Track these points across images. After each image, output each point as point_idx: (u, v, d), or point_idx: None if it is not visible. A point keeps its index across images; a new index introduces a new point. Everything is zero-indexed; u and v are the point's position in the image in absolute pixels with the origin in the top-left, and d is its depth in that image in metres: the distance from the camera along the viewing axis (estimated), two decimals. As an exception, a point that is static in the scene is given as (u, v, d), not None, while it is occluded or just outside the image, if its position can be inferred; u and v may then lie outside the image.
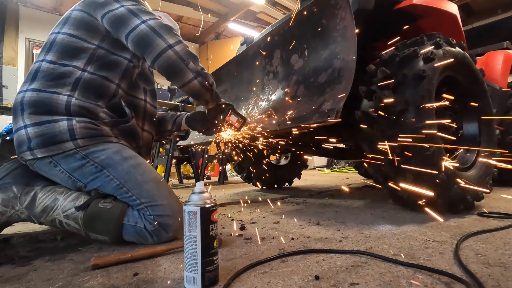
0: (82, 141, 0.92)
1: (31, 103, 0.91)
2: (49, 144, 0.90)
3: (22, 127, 0.91)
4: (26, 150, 0.91)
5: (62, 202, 0.90)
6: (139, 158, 1.00)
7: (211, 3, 5.61)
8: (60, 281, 0.65)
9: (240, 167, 2.41)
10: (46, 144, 0.90)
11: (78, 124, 0.92)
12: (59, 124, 0.90)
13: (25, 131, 0.91)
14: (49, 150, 0.90)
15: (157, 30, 0.93)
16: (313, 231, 1.02)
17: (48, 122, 0.90)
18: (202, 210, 0.58)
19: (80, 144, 0.91)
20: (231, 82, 1.69)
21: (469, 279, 0.57)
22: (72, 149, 0.91)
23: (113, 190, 0.93)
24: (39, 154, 0.91)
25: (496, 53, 2.24)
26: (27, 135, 0.90)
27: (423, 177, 1.12)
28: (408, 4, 1.39)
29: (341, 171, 5.23)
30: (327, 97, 1.03)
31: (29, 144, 0.90)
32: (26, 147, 0.91)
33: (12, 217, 0.91)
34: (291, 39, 1.24)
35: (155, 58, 0.92)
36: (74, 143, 0.91)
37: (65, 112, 0.92)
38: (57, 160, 0.92)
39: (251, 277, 0.63)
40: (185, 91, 1.00)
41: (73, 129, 0.91)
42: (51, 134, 0.90)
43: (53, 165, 0.92)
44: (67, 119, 0.91)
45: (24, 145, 0.91)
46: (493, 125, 1.46)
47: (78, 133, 0.91)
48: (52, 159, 0.92)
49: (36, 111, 0.91)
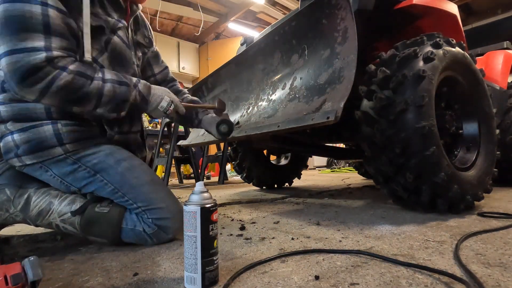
0: (71, 145, 0.87)
1: (9, 116, 0.86)
2: (37, 150, 0.85)
3: (8, 133, 0.86)
4: (14, 157, 0.87)
5: (58, 206, 0.88)
6: (134, 159, 0.96)
7: (211, 3, 5.61)
8: (60, 281, 0.65)
9: (240, 167, 2.41)
10: (33, 150, 0.85)
11: (64, 128, 0.87)
12: (44, 128, 0.85)
13: (11, 138, 0.86)
14: (37, 156, 0.86)
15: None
16: (313, 231, 1.02)
17: (32, 127, 0.85)
18: (202, 210, 0.58)
19: (69, 149, 0.87)
20: (231, 82, 1.69)
21: (469, 279, 0.57)
22: (61, 154, 0.87)
23: (109, 194, 0.90)
24: (27, 161, 0.86)
25: (496, 53, 2.24)
26: (14, 142, 0.85)
27: (423, 177, 1.12)
28: (408, 4, 1.39)
29: (341, 171, 5.23)
30: (327, 97, 1.03)
31: (17, 151, 0.86)
32: (13, 154, 0.86)
33: (7, 220, 0.90)
34: (291, 39, 1.24)
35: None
36: (62, 148, 0.86)
37: (46, 117, 0.86)
38: (47, 165, 0.88)
39: (251, 277, 0.63)
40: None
41: (59, 133, 0.86)
42: (38, 140, 0.85)
43: (44, 170, 0.89)
44: (51, 122, 0.86)
45: (12, 152, 0.86)
46: (493, 125, 1.46)
47: (66, 138, 0.87)
48: (43, 164, 0.88)
49: (17, 119, 0.86)
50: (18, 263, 0.52)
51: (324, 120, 0.95)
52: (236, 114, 1.60)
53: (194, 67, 6.73)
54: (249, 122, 1.41)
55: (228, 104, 1.71)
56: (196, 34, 6.54)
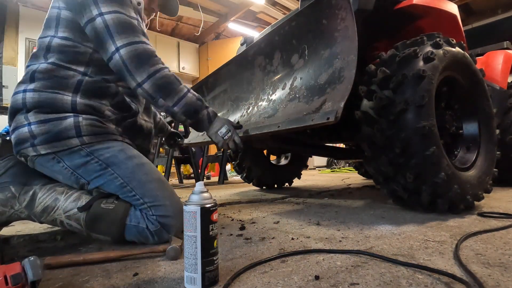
0: (87, 138, 0.91)
1: (35, 103, 0.90)
2: (54, 141, 0.89)
3: (25, 124, 0.90)
4: (29, 147, 0.90)
5: (63, 203, 0.90)
6: (143, 158, 1.00)
7: (211, 3, 5.61)
8: (60, 281, 0.65)
9: (240, 167, 2.41)
10: (51, 140, 0.89)
11: (84, 121, 0.91)
12: (66, 121, 0.90)
13: (28, 129, 0.89)
14: (53, 146, 0.90)
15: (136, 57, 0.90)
16: (313, 231, 1.02)
17: (54, 119, 0.90)
18: (202, 210, 0.58)
19: (86, 141, 0.91)
20: (231, 82, 1.69)
21: (469, 279, 0.57)
22: (77, 145, 0.90)
23: (116, 188, 0.92)
24: (42, 151, 0.90)
25: (496, 53, 2.24)
26: (31, 133, 0.89)
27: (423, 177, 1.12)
28: (408, 4, 1.39)
29: (341, 171, 5.23)
30: (327, 97, 1.03)
31: (33, 141, 0.89)
32: (29, 143, 0.90)
33: (12, 216, 0.91)
34: (292, 39, 1.24)
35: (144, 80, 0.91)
36: (80, 140, 0.91)
37: (71, 110, 0.92)
38: (60, 156, 0.91)
39: (251, 277, 0.63)
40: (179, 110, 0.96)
41: (79, 126, 0.91)
42: (57, 131, 0.89)
43: (56, 161, 0.92)
44: (74, 115, 0.91)
45: (27, 142, 0.90)
46: (493, 125, 1.46)
47: (84, 130, 0.91)
48: (56, 155, 0.91)
49: (41, 110, 0.90)
50: (18, 263, 0.52)
51: (324, 120, 0.95)
52: (236, 114, 1.60)
53: (194, 67, 6.73)
54: (249, 122, 1.41)
55: (228, 104, 1.71)
56: (196, 34, 6.54)
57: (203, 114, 1.00)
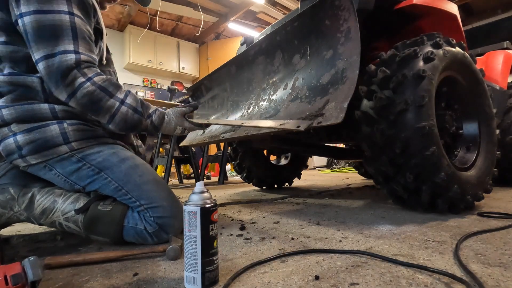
0: (76, 143, 0.89)
1: (13, 118, 0.86)
2: (42, 150, 0.86)
3: (10, 136, 0.86)
4: (18, 158, 0.87)
5: (61, 205, 0.89)
6: (137, 159, 0.98)
7: (211, 3, 5.60)
8: (60, 281, 0.65)
9: (240, 167, 2.41)
10: (38, 150, 0.86)
11: (70, 127, 0.89)
12: (50, 128, 0.87)
13: (13, 139, 0.86)
14: (42, 155, 0.87)
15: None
16: (313, 231, 1.02)
17: (38, 128, 0.86)
18: (202, 210, 0.58)
19: (74, 147, 0.89)
20: (231, 82, 1.69)
21: (469, 279, 0.57)
22: (67, 152, 0.89)
23: (112, 192, 0.91)
24: (32, 161, 0.88)
25: (496, 53, 2.24)
26: (16, 143, 0.86)
27: (423, 177, 1.12)
28: (408, 4, 1.39)
29: (341, 171, 5.23)
30: (330, 98, 1.03)
31: (20, 152, 0.86)
32: (17, 155, 0.87)
33: (11, 218, 0.91)
34: (293, 40, 1.24)
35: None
36: (68, 146, 0.88)
37: (52, 117, 0.88)
38: (52, 164, 0.89)
39: (251, 277, 0.63)
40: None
41: (65, 132, 0.88)
42: (43, 139, 0.86)
43: (48, 169, 0.90)
44: (57, 122, 0.88)
45: (14, 153, 0.87)
46: (493, 125, 1.46)
47: (72, 136, 0.89)
48: (47, 164, 0.89)
49: (22, 121, 0.86)
50: (18, 263, 0.52)
51: (326, 121, 0.95)
52: (236, 114, 1.60)
53: (194, 67, 6.72)
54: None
55: (228, 104, 1.71)
56: (196, 34, 6.53)
57: (145, 125, 0.93)
